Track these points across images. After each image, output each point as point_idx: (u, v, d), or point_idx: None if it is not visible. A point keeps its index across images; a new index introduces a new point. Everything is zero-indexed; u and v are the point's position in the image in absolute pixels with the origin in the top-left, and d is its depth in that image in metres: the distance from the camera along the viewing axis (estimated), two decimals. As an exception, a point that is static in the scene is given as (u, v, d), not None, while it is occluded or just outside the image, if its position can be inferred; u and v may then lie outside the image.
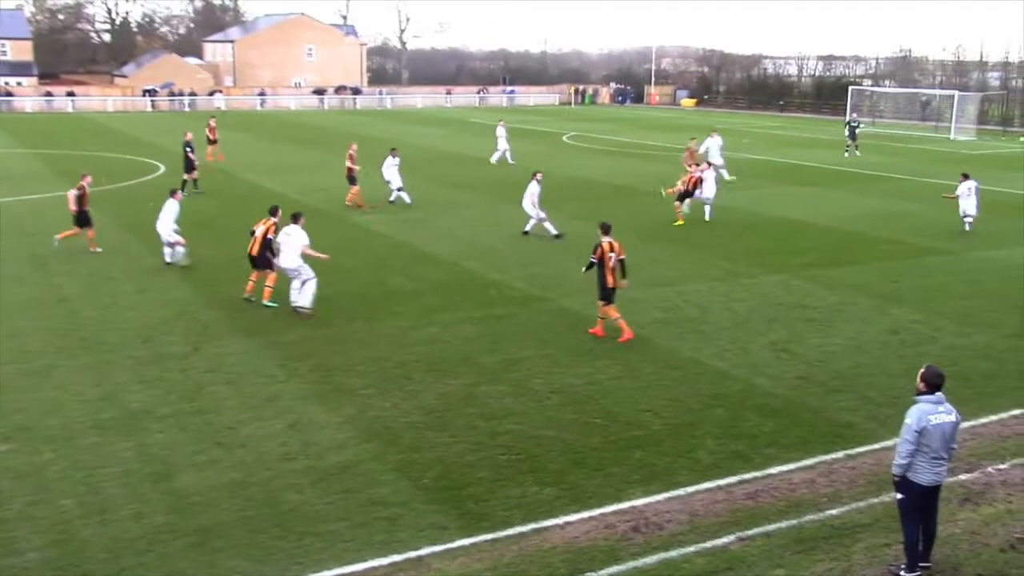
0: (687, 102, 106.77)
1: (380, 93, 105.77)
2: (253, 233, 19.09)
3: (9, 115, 79.51)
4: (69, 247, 23.43)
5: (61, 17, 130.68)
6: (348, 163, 31.42)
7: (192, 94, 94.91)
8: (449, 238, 26.16)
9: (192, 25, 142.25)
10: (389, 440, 12.48)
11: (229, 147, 47.13)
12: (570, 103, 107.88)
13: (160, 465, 11.65)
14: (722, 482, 11.40)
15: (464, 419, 13.24)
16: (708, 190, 29.06)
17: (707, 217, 29.08)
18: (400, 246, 25.04)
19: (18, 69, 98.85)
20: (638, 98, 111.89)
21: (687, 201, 29.12)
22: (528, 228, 26.26)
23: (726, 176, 36.88)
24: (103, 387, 14.32)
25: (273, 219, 19.08)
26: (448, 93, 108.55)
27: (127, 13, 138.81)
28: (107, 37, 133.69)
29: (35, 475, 11.34)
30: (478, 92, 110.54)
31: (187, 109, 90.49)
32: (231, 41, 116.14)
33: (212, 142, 42.90)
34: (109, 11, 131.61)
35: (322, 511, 10.54)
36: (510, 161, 44.33)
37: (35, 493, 10.88)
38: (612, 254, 16.68)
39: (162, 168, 41.53)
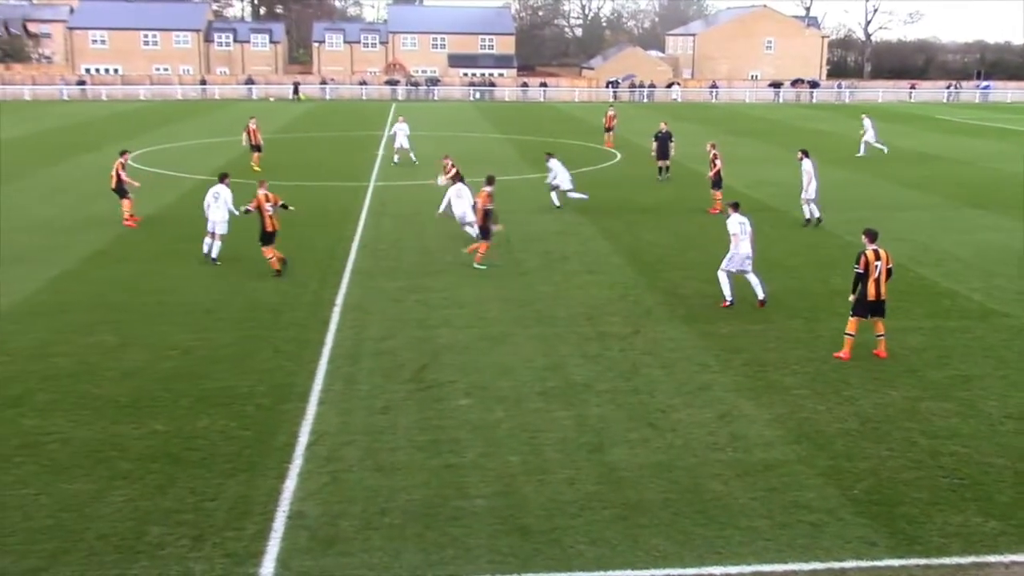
0: None
1: (838, 86, 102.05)
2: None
3: (490, 103, 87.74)
4: (527, 230, 25.25)
5: (540, 13, 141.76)
6: None
7: (651, 86, 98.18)
8: (899, 241, 24.59)
9: (656, 19, 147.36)
10: (820, 444, 12.14)
11: (684, 137, 48.10)
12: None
13: (595, 437, 12.33)
14: None
15: (903, 433, 12.50)
16: None
17: None
18: (847, 246, 24.01)
19: (501, 62, 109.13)
20: None
21: None
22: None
23: None
24: (550, 357, 15.43)
25: (488, 188, 21.07)
26: (912, 87, 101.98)
27: (598, 9, 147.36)
28: (579, 32, 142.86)
29: (487, 430, 12.53)
30: (947, 87, 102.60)
31: (645, 100, 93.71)
32: (692, 34, 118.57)
33: (607, 129, 47.92)
34: (583, 7, 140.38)
35: (745, 505, 10.53)
36: (881, 148, 44.07)
37: (486, 446, 12.02)
38: (878, 263, 15.18)
39: (618, 156, 43.50)
